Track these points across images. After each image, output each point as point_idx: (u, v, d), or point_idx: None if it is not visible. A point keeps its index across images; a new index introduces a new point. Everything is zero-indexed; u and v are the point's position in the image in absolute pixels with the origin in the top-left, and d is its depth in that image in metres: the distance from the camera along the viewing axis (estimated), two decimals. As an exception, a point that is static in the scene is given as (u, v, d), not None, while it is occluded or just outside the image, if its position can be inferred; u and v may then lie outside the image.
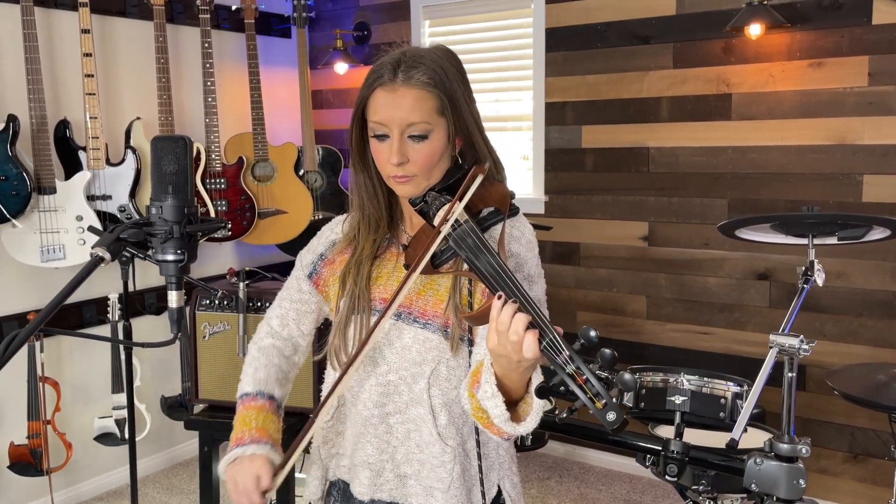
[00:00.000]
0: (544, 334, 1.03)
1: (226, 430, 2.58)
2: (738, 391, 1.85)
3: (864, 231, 1.80)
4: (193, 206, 1.07)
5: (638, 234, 3.55)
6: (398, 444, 1.36)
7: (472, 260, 1.14)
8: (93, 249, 0.98)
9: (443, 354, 1.32)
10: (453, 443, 1.33)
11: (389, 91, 1.26)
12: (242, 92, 3.97)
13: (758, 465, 1.62)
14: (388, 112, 1.26)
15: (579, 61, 3.60)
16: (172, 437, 3.87)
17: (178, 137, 1.05)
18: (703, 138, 3.34)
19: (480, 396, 1.16)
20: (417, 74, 1.26)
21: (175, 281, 1.08)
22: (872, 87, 2.97)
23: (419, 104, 1.26)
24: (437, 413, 1.33)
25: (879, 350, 3.04)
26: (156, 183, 1.05)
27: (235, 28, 4.03)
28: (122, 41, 3.57)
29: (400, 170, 1.28)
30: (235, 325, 2.56)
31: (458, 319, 1.30)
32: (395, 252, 1.40)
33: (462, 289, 1.31)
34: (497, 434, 1.21)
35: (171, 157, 1.04)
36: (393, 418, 1.35)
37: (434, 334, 1.31)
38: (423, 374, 1.32)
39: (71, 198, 3.21)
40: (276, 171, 3.92)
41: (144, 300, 3.69)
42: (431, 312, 1.32)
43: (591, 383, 0.98)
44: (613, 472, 3.69)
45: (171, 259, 1.05)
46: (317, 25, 4.42)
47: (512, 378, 1.12)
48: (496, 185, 1.29)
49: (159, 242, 1.05)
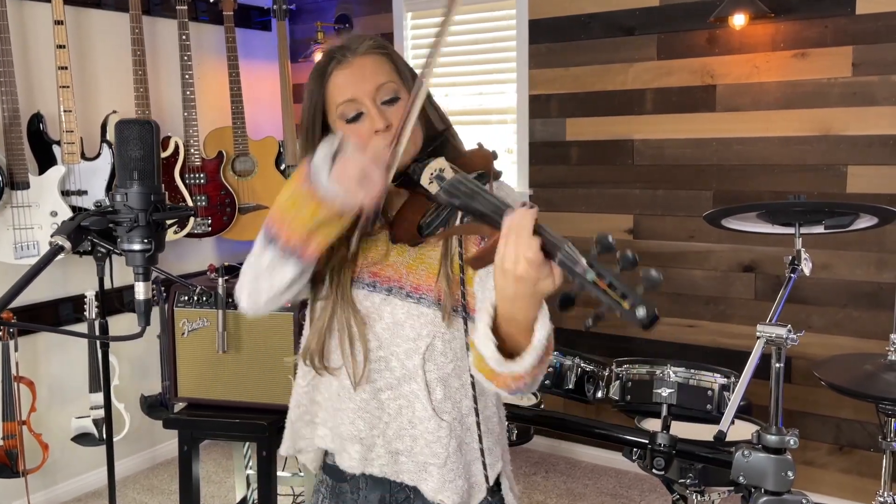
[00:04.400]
0: (558, 246, 0.99)
1: (204, 428, 2.57)
2: (724, 383, 1.83)
3: (851, 219, 1.78)
4: (160, 193, 1.02)
5: (623, 226, 3.52)
6: (389, 419, 1.32)
7: (469, 204, 1.08)
8: (52, 238, 0.93)
9: (437, 329, 1.28)
10: (449, 417, 1.30)
11: (347, 66, 1.27)
12: (222, 85, 3.90)
13: (745, 457, 1.59)
14: (354, 86, 1.26)
15: (563, 53, 3.57)
16: (152, 436, 3.80)
17: (143, 121, 1.00)
18: (688, 130, 3.32)
19: (475, 339, 1.11)
20: (365, 44, 1.29)
21: (142, 272, 1.02)
22: (856, 78, 2.96)
23: (378, 67, 1.28)
24: (433, 388, 1.29)
25: (865, 341, 3.03)
26: (120, 169, 1.00)
27: (214, 20, 3.97)
28: (96, 33, 3.50)
29: (387, 135, 1.24)
30: (214, 322, 2.51)
31: (449, 289, 1.27)
32: (380, 228, 1.35)
33: (453, 258, 1.29)
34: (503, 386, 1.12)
35: (135, 142, 0.98)
36: (384, 395, 1.32)
37: (428, 308, 1.28)
38: (417, 349, 1.29)
39: (45, 193, 3.13)
40: (257, 166, 3.86)
41: (123, 297, 3.62)
42: (425, 286, 1.29)
43: (615, 285, 0.93)
44: (600, 467, 3.67)
45: (138, 249, 1.00)
46: (297, 18, 4.36)
47: (517, 318, 1.05)
48: (476, 151, 1.29)
49: (125, 231, 0.99)
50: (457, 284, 1.27)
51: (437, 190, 1.14)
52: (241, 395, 2.50)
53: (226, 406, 2.50)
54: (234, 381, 2.51)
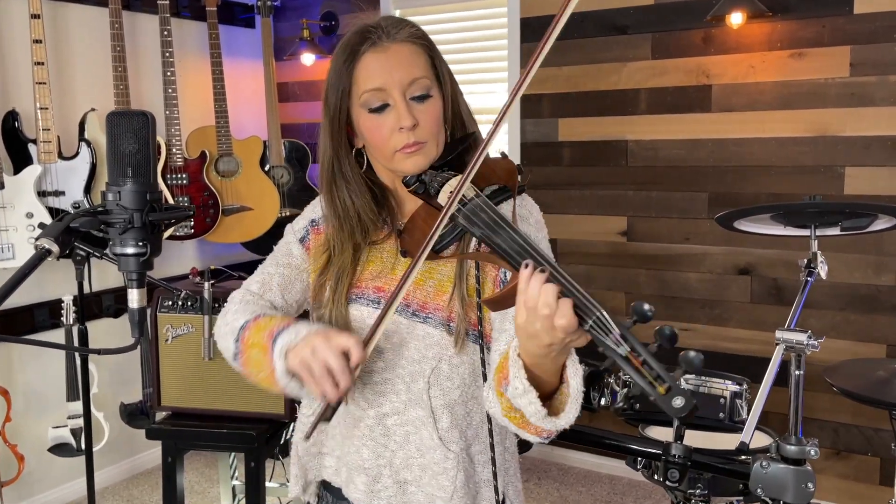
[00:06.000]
0: (589, 311, 0.88)
1: (189, 438, 2.47)
2: (736, 390, 1.77)
3: (870, 221, 1.73)
4: (157, 191, 0.93)
5: (617, 229, 3.47)
6: (396, 447, 1.24)
7: (490, 237, 1.00)
8: (38, 241, 0.84)
9: (444, 352, 1.19)
10: (456, 448, 1.21)
11: (381, 51, 1.15)
12: (205, 83, 3.79)
13: (764, 468, 1.53)
14: (385, 74, 1.14)
15: (555, 52, 3.49)
16: (133, 446, 3.68)
17: (137, 112, 0.91)
18: (682, 131, 3.27)
19: (511, 394, 1.01)
20: (405, 31, 1.17)
21: (136, 278, 0.93)
22: (854, 78, 2.92)
23: (415, 58, 1.16)
24: (439, 416, 1.21)
25: (863, 345, 3.00)
26: (112, 165, 0.90)
27: (196, 16, 3.86)
28: (75, 28, 3.38)
29: (412, 135, 1.15)
30: (200, 328, 2.41)
31: (464, 311, 1.17)
32: (387, 236, 1.26)
33: (468, 277, 1.19)
34: (535, 434, 1.06)
35: (129, 135, 0.89)
36: (390, 420, 1.23)
37: (436, 329, 1.19)
38: (422, 372, 1.20)
39: (20, 193, 3.01)
40: (241, 166, 3.75)
41: (102, 302, 3.50)
42: (433, 305, 1.20)
43: (651, 365, 0.84)
44: (593, 473, 3.61)
45: (132, 253, 0.90)
46: (282, 15, 4.26)
47: (544, 366, 0.97)
48: (501, 160, 1.18)
49: (117, 234, 0.89)
50: (472, 307, 1.18)
51: (456, 210, 1.05)
52: (228, 403, 2.42)
53: (212, 415, 2.41)
54: (221, 389, 2.41)
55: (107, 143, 0.91)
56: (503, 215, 1.02)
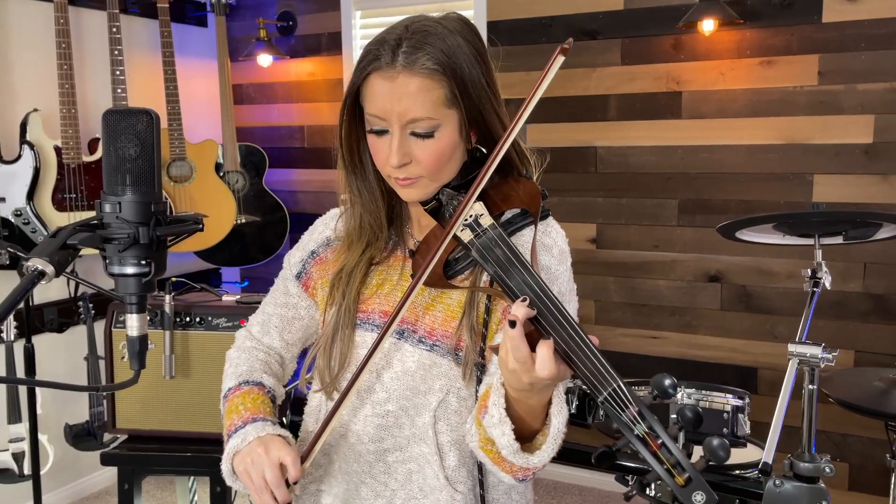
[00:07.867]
0: (603, 383, 0.81)
1: (149, 463, 2.30)
2: (738, 404, 1.72)
3: (875, 230, 1.71)
4: (161, 202, 0.80)
5: (586, 236, 3.42)
6: (398, 487, 1.13)
7: (502, 277, 0.92)
8: (28, 262, 0.70)
9: (452, 383, 1.10)
10: (464, 488, 1.11)
11: (387, 78, 1.02)
12: (156, 84, 3.60)
13: (777, 486, 1.48)
14: (386, 103, 1.03)
15: (523, 56, 3.44)
16: (78, 468, 3.45)
17: (139, 110, 0.78)
18: (652, 137, 3.24)
19: (487, 423, 0.96)
20: (422, 58, 1.02)
21: (136, 301, 0.79)
22: (822, 86, 2.94)
23: (423, 95, 1.02)
24: (445, 453, 1.11)
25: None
26: (110, 172, 0.76)
27: (146, 13, 3.66)
28: (15, 23, 3.15)
29: (402, 171, 1.06)
30: (160, 344, 2.25)
31: (472, 342, 1.08)
32: (400, 257, 1.18)
33: (479, 304, 1.10)
34: (509, 473, 1.01)
35: (129, 137, 0.75)
36: (392, 456, 1.13)
37: (443, 358, 1.10)
38: (428, 405, 1.10)
39: (-44, 200, 2.78)
40: (195, 171, 3.57)
41: (44, 315, 3.27)
42: (441, 332, 1.11)
43: (670, 450, 0.77)
44: (562, 484, 3.55)
45: (132, 273, 0.77)
46: (237, 14, 4.09)
47: (528, 402, 0.92)
48: (523, 182, 1.07)
49: (117, 251, 0.76)
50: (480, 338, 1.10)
51: (470, 240, 0.97)
52: (190, 424, 2.27)
53: (173, 437, 2.25)
54: (183, 409, 2.27)
55: (103, 146, 0.78)
56: (519, 253, 0.93)
